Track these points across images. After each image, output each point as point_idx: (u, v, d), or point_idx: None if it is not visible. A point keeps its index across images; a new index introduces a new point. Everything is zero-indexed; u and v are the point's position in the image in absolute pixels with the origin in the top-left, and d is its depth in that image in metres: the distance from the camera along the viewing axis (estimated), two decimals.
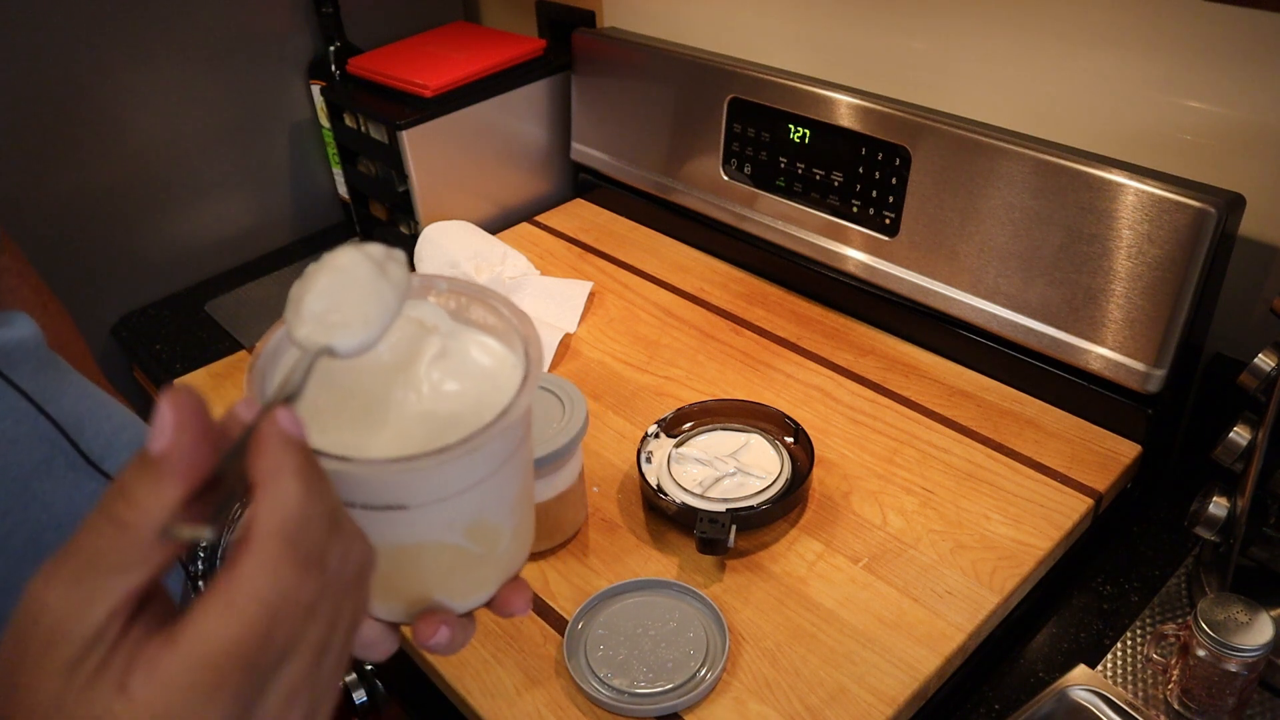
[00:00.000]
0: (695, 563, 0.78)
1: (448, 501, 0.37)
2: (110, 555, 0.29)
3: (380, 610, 0.40)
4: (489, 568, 0.41)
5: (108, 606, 0.28)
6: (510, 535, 0.41)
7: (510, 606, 0.42)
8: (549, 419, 0.77)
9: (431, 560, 0.39)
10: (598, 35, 1.24)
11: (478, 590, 0.41)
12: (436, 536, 0.38)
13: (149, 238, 1.28)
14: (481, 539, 0.39)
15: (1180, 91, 0.83)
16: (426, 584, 0.40)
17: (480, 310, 0.44)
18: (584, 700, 0.68)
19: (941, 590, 0.74)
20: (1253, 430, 0.71)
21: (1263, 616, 0.66)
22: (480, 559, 0.40)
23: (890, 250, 0.99)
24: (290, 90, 1.34)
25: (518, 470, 0.41)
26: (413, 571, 0.39)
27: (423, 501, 0.36)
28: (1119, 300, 0.83)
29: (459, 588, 0.41)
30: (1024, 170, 0.86)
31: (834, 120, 1.00)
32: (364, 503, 0.36)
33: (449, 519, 0.38)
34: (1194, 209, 0.77)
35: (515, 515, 0.41)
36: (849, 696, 0.67)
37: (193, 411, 0.30)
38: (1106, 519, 0.85)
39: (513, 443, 0.39)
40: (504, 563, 0.42)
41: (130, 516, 0.29)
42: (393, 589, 0.39)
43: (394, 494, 0.36)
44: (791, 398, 0.95)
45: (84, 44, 1.14)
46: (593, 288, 1.13)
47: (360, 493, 0.36)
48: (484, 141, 1.26)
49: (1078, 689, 0.71)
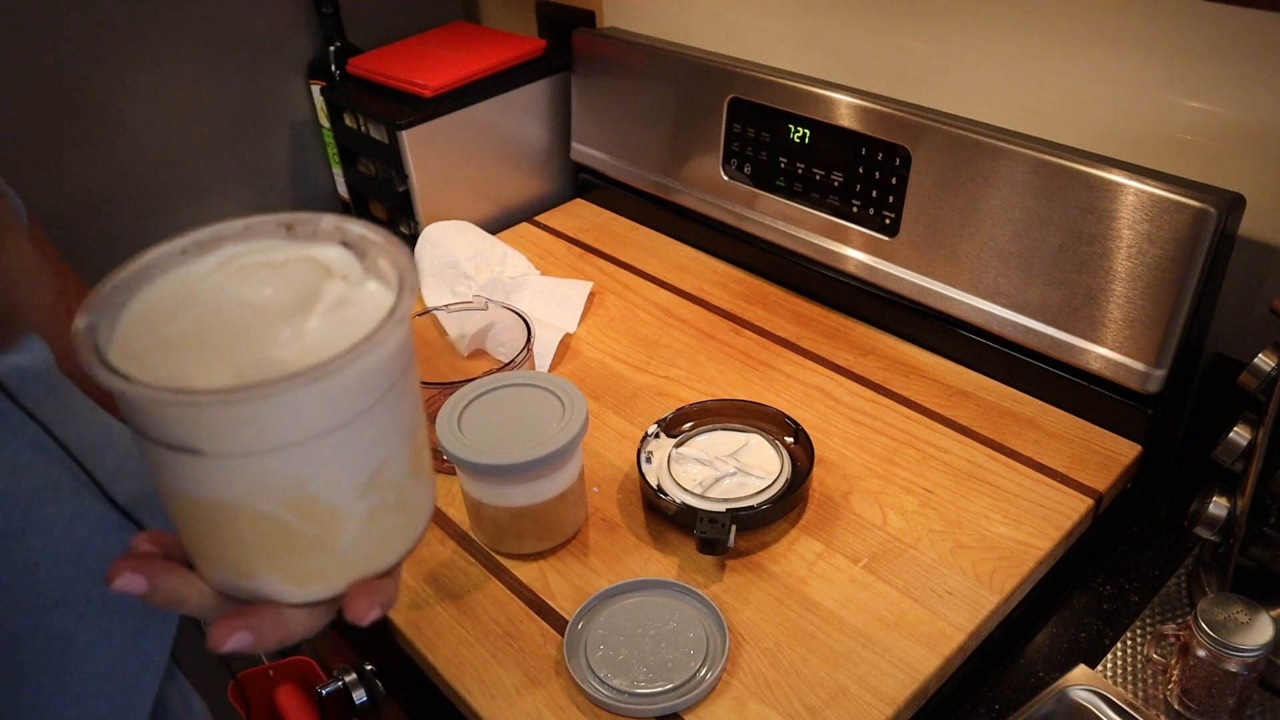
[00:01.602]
0: (695, 563, 0.78)
1: (252, 459, 0.32)
2: None
3: (208, 574, 0.36)
4: (328, 556, 0.35)
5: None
6: (360, 524, 0.35)
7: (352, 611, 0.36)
8: (549, 419, 0.77)
9: (248, 529, 0.34)
10: (598, 35, 1.24)
11: (313, 581, 0.36)
12: (247, 500, 0.33)
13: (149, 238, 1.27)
14: (311, 518, 0.34)
15: (1180, 91, 0.83)
16: (248, 557, 0.35)
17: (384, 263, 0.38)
18: (584, 700, 0.68)
19: (941, 590, 0.74)
20: (1253, 430, 0.71)
21: (1263, 616, 0.66)
22: (314, 543, 0.35)
23: (890, 250, 0.99)
24: (290, 90, 1.34)
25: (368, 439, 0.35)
26: (228, 538, 0.35)
27: (219, 451, 0.32)
28: (1119, 300, 0.83)
29: (288, 572, 0.35)
30: (1024, 170, 0.86)
31: (834, 120, 1.00)
32: (156, 436, 0.32)
33: (256, 480, 0.33)
34: (1194, 209, 0.77)
35: (367, 499, 0.36)
36: (849, 696, 0.67)
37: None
38: (1106, 519, 0.85)
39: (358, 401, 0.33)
40: (351, 556, 0.36)
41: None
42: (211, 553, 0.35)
43: (184, 433, 0.32)
44: (791, 398, 0.95)
45: (84, 44, 1.14)
46: (593, 288, 1.13)
47: (151, 424, 0.32)
48: (484, 141, 1.26)
49: (1078, 689, 0.71)
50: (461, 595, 0.77)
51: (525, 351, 0.88)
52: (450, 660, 0.72)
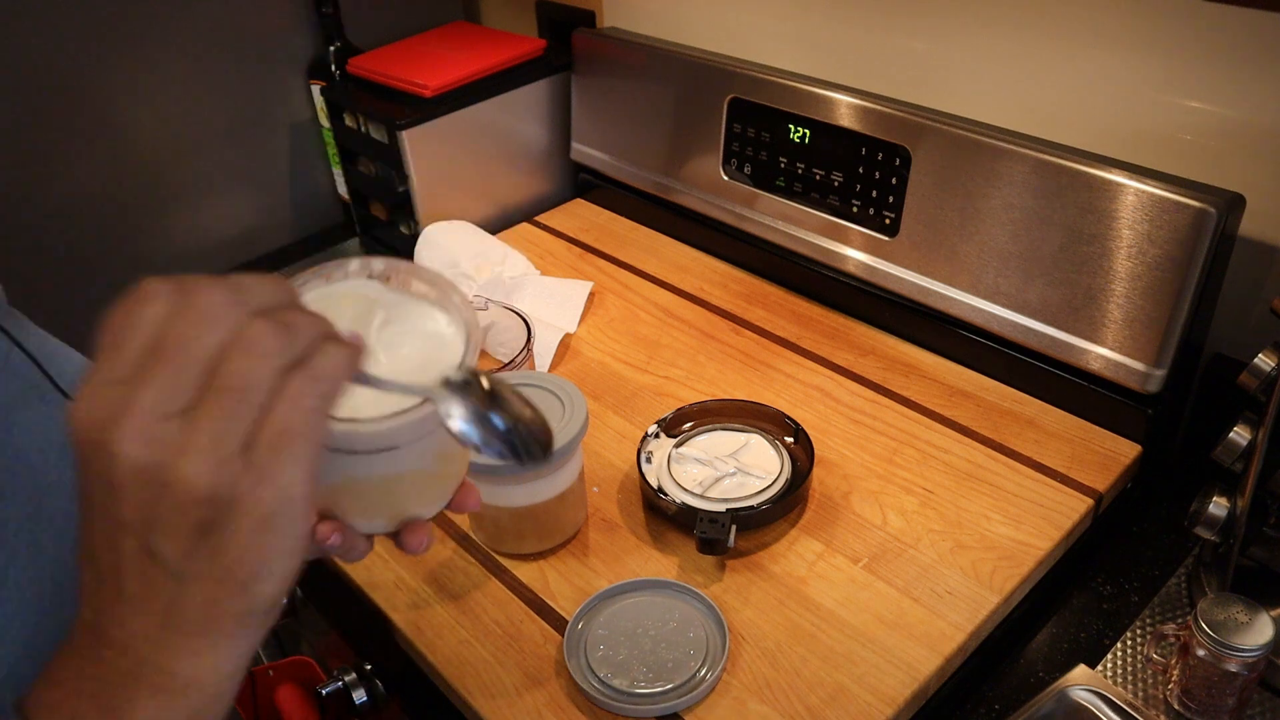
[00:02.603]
0: (695, 563, 0.78)
1: (427, 437, 0.45)
2: None
3: (364, 525, 0.48)
4: (451, 481, 0.51)
5: None
6: (464, 453, 0.51)
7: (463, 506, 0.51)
8: (549, 419, 0.77)
9: (411, 483, 0.48)
10: (598, 35, 1.24)
11: (441, 500, 0.51)
12: (418, 465, 0.47)
13: (149, 238, 1.28)
14: (448, 461, 0.49)
15: (1180, 91, 0.83)
16: (406, 501, 0.49)
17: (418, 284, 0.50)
18: (584, 700, 0.68)
19: (941, 590, 0.74)
20: (1253, 430, 0.71)
21: (1263, 616, 0.66)
22: (445, 476, 0.50)
23: (890, 250, 0.99)
24: (290, 90, 1.34)
25: None
26: (397, 493, 0.48)
27: (409, 440, 0.44)
28: (1119, 300, 0.83)
29: (428, 501, 0.50)
30: (1024, 170, 0.86)
31: (834, 120, 1.00)
32: (364, 449, 0.44)
33: (426, 449, 0.46)
34: (1194, 209, 0.77)
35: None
36: (849, 696, 0.67)
37: None
38: (1106, 519, 0.85)
39: None
40: (459, 473, 0.51)
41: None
42: (379, 508, 0.48)
43: (388, 440, 0.44)
44: (791, 398, 0.95)
45: (84, 44, 1.14)
46: (593, 288, 1.13)
47: (361, 443, 0.44)
48: (484, 141, 1.26)
49: (1078, 689, 0.71)
50: (461, 595, 0.77)
51: (525, 351, 0.88)
52: (450, 660, 0.72)
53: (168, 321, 0.34)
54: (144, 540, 0.32)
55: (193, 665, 0.33)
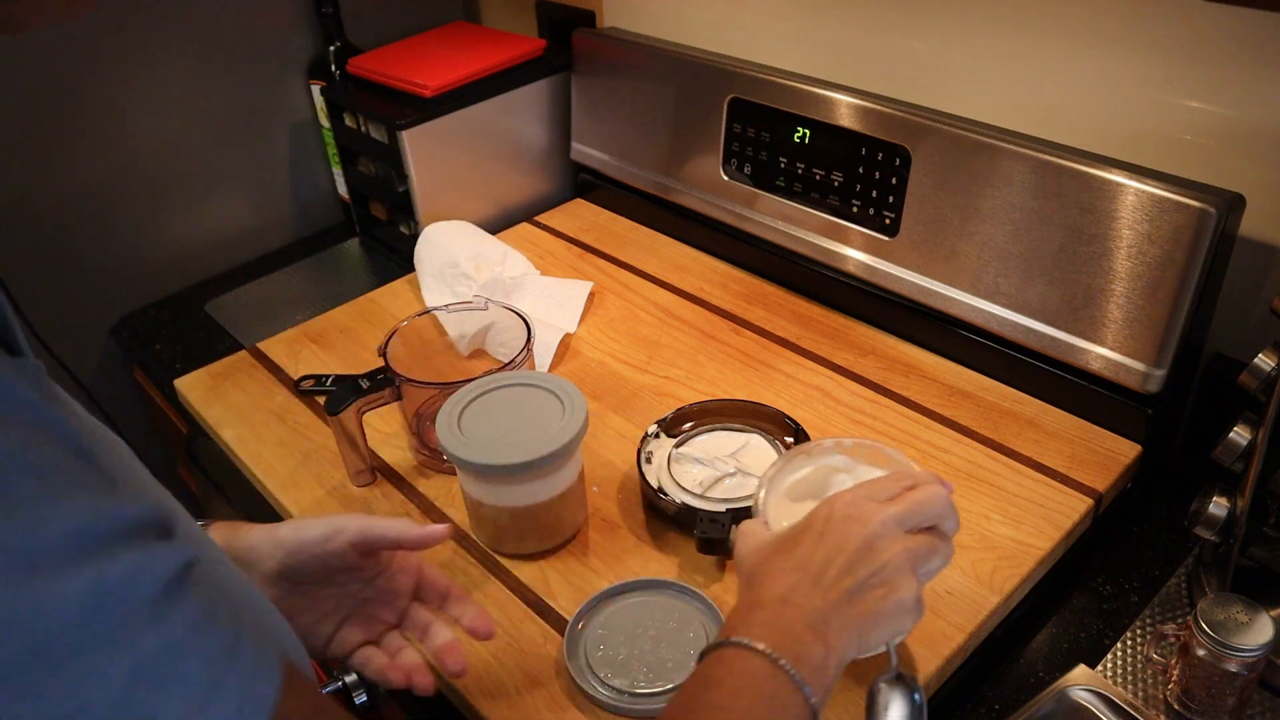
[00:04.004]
0: (695, 563, 0.78)
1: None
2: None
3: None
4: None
5: None
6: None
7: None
8: (549, 419, 0.77)
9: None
10: (598, 35, 1.24)
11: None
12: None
13: (149, 238, 1.28)
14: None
15: (1180, 91, 0.83)
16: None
17: (873, 457, 0.70)
18: (584, 700, 0.68)
19: (941, 590, 0.74)
20: (1253, 430, 0.71)
21: (1263, 616, 0.66)
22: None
23: (890, 250, 0.99)
24: (290, 90, 1.34)
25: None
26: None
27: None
28: (1119, 300, 0.83)
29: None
30: (1024, 170, 0.86)
31: (834, 120, 1.00)
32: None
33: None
34: (1194, 209, 0.77)
35: None
36: (850, 696, 0.67)
37: None
38: (1106, 519, 0.85)
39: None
40: None
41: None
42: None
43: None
44: (791, 398, 0.95)
45: (84, 44, 1.14)
46: (593, 288, 1.13)
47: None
48: (484, 141, 1.26)
49: (1078, 689, 0.71)
50: None
51: (525, 351, 0.88)
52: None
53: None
54: (850, 564, 0.54)
55: (837, 640, 0.52)
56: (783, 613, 0.53)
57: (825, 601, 0.53)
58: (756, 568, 0.57)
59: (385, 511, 0.86)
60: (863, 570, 0.54)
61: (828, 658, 0.52)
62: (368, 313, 1.14)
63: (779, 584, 0.55)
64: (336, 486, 0.89)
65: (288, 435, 0.95)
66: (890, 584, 0.55)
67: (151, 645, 0.28)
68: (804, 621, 0.52)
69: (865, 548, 0.55)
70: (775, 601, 0.54)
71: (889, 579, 0.55)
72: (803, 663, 0.50)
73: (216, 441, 0.98)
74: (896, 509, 0.57)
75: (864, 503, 0.57)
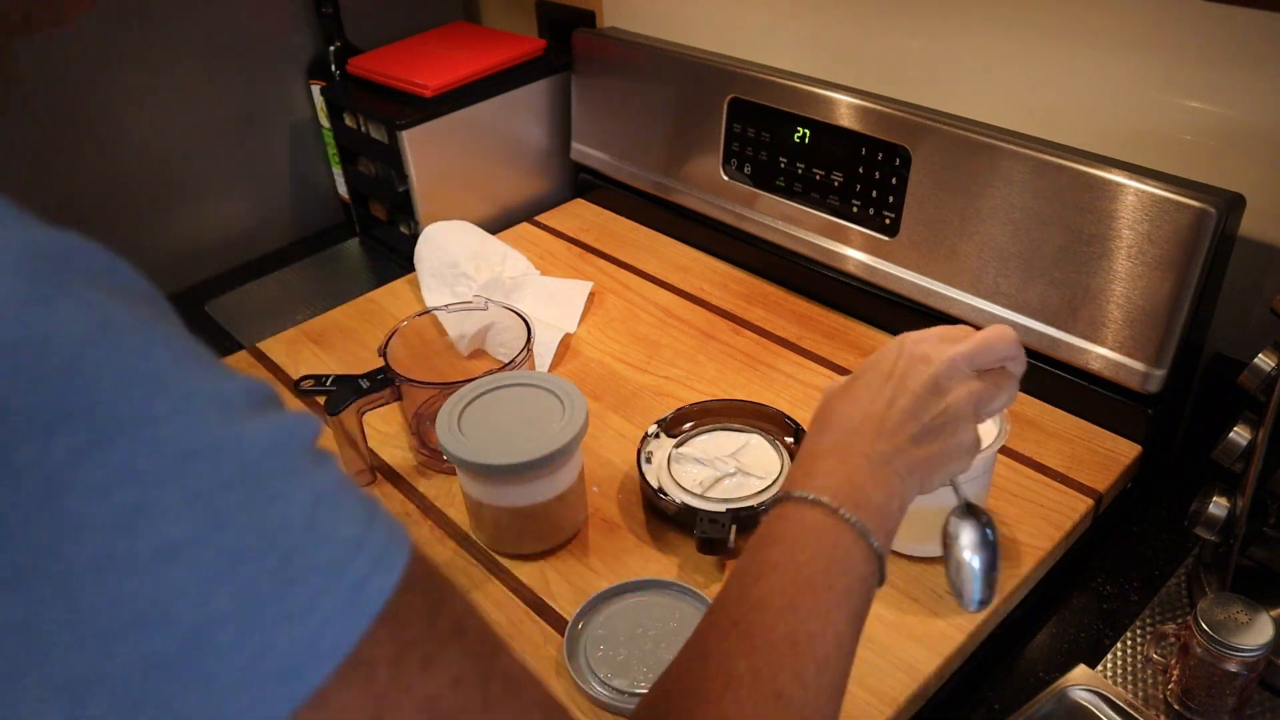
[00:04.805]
0: (695, 563, 0.78)
1: (978, 479, 0.73)
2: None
3: (917, 549, 0.76)
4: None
5: None
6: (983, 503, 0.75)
7: None
8: (549, 419, 0.77)
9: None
10: (598, 35, 1.24)
11: None
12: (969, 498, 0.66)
13: (149, 238, 1.28)
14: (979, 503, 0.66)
15: (1180, 91, 0.83)
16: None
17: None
18: (584, 700, 0.68)
19: (941, 590, 0.74)
20: (1253, 430, 0.71)
21: (1263, 616, 0.66)
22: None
23: (890, 250, 0.99)
24: (290, 90, 1.34)
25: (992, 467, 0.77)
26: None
27: (967, 479, 0.60)
28: (1119, 300, 0.83)
29: None
30: (1024, 170, 0.86)
31: (834, 120, 1.00)
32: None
33: (976, 491, 0.73)
34: (1194, 209, 0.77)
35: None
36: (848, 697, 0.67)
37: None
38: (1106, 519, 0.85)
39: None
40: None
41: None
42: (931, 534, 0.63)
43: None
44: (791, 398, 0.95)
45: (84, 44, 1.14)
46: (593, 288, 1.13)
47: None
48: (484, 141, 1.26)
49: (1078, 689, 0.71)
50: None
51: (525, 351, 0.88)
52: None
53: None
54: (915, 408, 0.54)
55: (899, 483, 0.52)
56: (845, 460, 0.52)
57: (889, 446, 0.53)
58: (823, 409, 0.56)
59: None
60: (927, 414, 0.54)
61: (889, 501, 0.51)
62: (368, 313, 1.14)
63: (843, 430, 0.54)
64: None
65: None
66: (953, 428, 0.54)
67: (322, 478, 0.32)
68: (867, 468, 0.52)
69: (932, 389, 0.54)
70: (838, 450, 0.53)
71: (951, 422, 0.54)
72: (864, 509, 0.49)
73: None
74: (965, 347, 0.56)
75: (934, 341, 0.56)
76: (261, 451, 0.30)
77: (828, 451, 0.53)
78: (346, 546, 0.31)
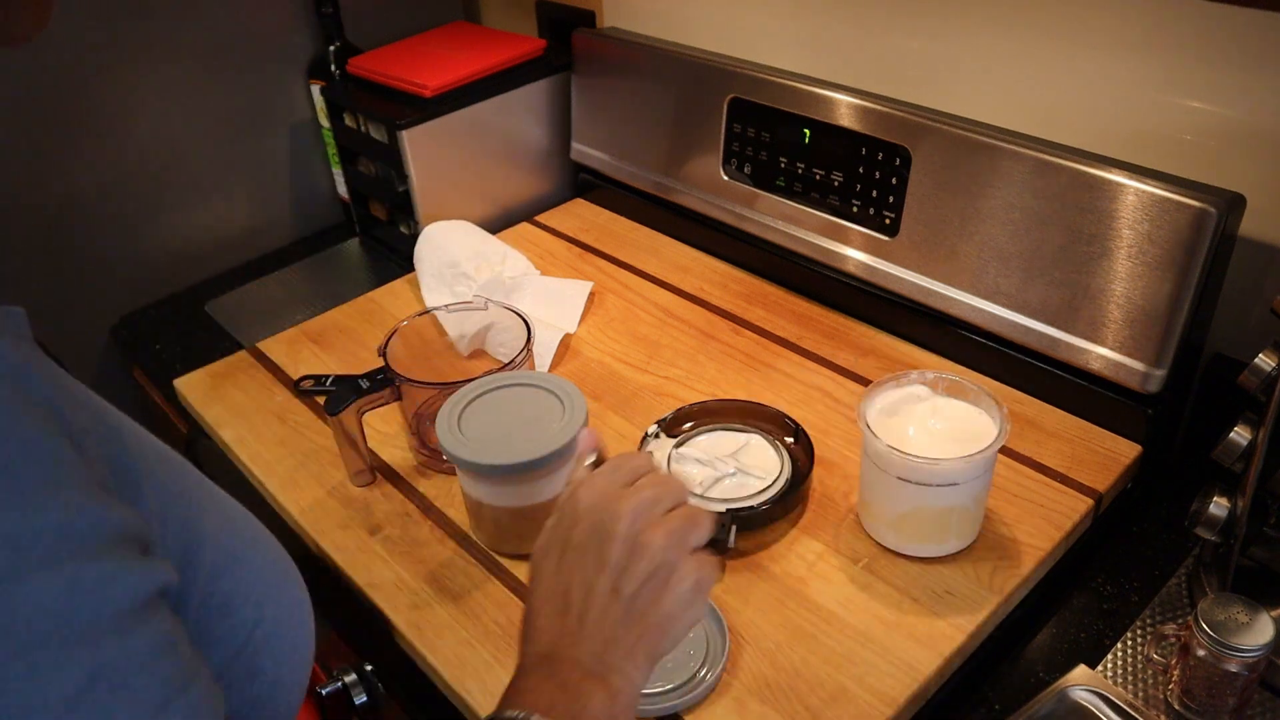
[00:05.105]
0: None
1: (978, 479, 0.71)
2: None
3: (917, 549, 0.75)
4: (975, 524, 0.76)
5: None
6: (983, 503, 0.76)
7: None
8: (549, 419, 0.77)
9: (957, 516, 0.73)
10: (598, 35, 1.24)
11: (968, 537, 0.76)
12: (964, 502, 0.72)
13: (149, 238, 1.28)
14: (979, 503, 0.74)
15: (1180, 91, 0.83)
16: (947, 531, 0.74)
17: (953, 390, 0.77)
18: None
19: (941, 590, 0.74)
20: (1253, 430, 0.71)
21: (1263, 616, 0.66)
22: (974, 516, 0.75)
23: (890, 250, 0.99)
24: (290, 90, 1.34)
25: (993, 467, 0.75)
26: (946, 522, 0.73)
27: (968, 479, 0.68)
28: (1119, 300, 0.83)
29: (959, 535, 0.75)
30: (1024, 170, 0.86)
31: (834, 120, 1.00)
32: (928, 482, 0.70)
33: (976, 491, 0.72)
34: (1194, 209, 0.77)
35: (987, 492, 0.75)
36: (849, 697, 0.67)
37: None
38: (1106, 519, 0.85)
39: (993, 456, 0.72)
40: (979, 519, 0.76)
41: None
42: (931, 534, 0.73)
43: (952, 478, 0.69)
44: (791, 398, 0.95)
45: (84, 44, 1.14)
46: (593, 288, 1.13)
47: (926, 476, 0.70)
48: (484, 141, 1.26)
49: (1078, 689, 0.71)
50: (462, 595, 0.77)
51: (525, 351, 0.88)
52: (451, 661, 0.72)
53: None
54: (615, 581, 0.49)
55: (621, 678, 0.49)
56: (554, 672, 0.48)
57: (597, 643, 0.49)
58: (529, 608, 0.53)
59: (385, 511, 0.86)
60: (631, 582, 0.49)
61: (614, 699, 0.48)
62: (368, 313, 1.14)
63: (549, 634, 0.50)
64: (336, 486, 0.89)
65: (288, 435, 0.95)
66: (664, 577, 0.50)
67: (117, 651, 0.28)
68: (578, 673, 0.48)
69: (629, 551, 0.50)
70: (548, 660, 0.49)
71: (661, 571, 0.50)
72: (588, 715, 0.47)
73: (216, 442, 0.98)
74: (644, 494, 0.52)
75: (607, 495, 0.52)
76: (36, 612, 0.26)
77: (535, 664, 0.50)
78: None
